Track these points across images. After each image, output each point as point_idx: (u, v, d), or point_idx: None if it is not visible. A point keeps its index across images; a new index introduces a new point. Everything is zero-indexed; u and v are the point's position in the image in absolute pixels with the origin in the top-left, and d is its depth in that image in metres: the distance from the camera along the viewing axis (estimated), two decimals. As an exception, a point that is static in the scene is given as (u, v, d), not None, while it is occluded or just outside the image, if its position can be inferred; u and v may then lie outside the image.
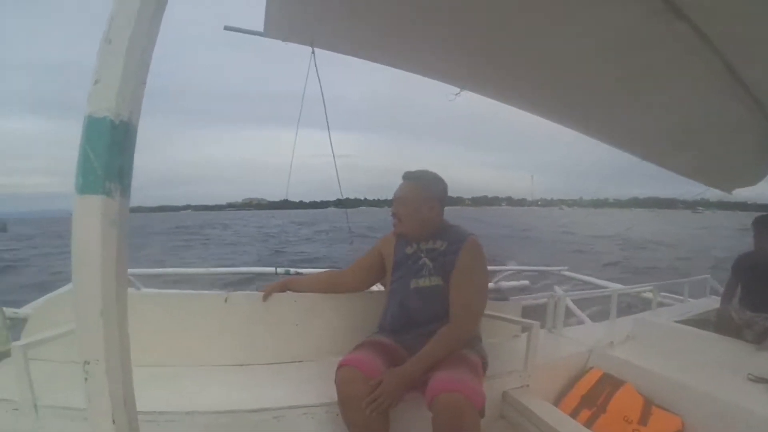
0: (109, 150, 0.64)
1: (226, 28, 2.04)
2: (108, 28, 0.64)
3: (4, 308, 1.86)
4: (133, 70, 0.65)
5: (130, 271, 3.29)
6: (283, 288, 1.96)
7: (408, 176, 1.76)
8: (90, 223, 0.65)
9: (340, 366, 1.45)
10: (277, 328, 1.91)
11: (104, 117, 0.63)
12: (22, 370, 1.30)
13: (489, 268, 1.74)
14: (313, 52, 2.05)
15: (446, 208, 1.77)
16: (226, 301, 1.86)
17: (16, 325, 1.91)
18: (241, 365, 1.84)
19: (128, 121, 0.65)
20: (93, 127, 0.63)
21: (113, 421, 0.68)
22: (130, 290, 2.18)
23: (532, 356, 1.82)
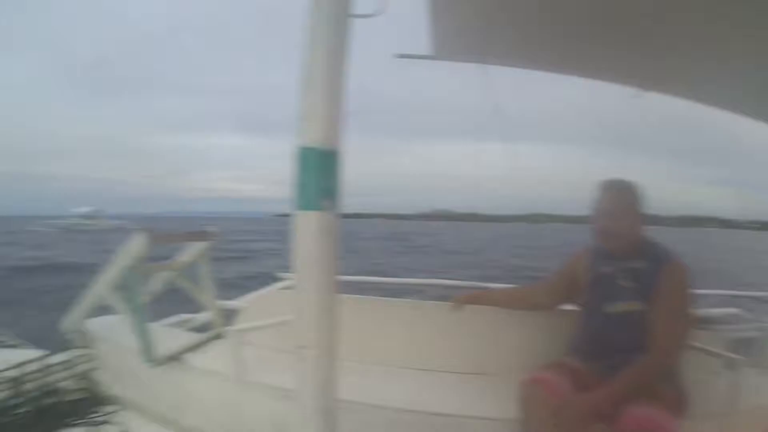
0: (320, 174, 0.79)
1: (399, 55, 2.14)
2: (306, 72, 0.80)
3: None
4: (331, 105, 0.79)
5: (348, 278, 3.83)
6: (473, 300, 1.96)
7: (614, 186, 1.60)
8: (309, 234, 0.79)
9: (526, 383, 1.43)
10: (464, 339, 1.97)
11: (313, 147, 0.78)
12: (236, 349, 1.60)
13: (693, 292, 1.50)
14: (484, 71, 2.05)
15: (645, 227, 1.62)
16: (417, 309, 1.99)
17: (229, 315, 2.37)
18: (427, 370, 1.94)
19: (333, 149, 0.78)
20: (305, 155, 0.79)
21: (313, 396, 0.81)
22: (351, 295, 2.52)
23: (736, 399, 1.59)
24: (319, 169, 0.80)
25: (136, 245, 1.75)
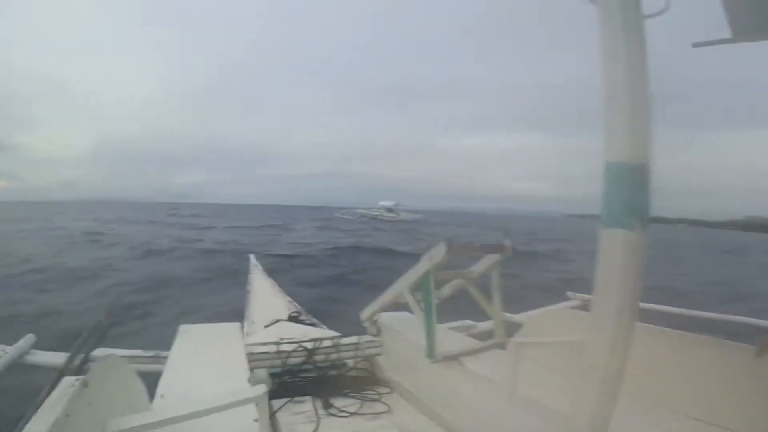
0: (631, 190, 0.73)
1: (695, 44, 1.87)
2: (606, 85, 0.75)
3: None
4: (638, 117, 0.72)
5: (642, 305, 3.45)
6: None
7: None
8: (613, 253, 0.75)
9: None
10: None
11: (621, 162, 0.73)
12: (513, 361, 1.63)
13: None
14: None
15: None
16: (757, 355, 1.58)
17: (509, 327, 2.41)
18: (712, 424, 1.54)
19: (644, 164, 0.71)
20: (613, 171, 0.75)
21: (589, 422, 0.76)
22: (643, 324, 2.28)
23: None
24: (628, 186, 0.75)
25: (436, 253, 1.91)
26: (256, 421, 1.30)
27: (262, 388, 1.26)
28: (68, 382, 1.03)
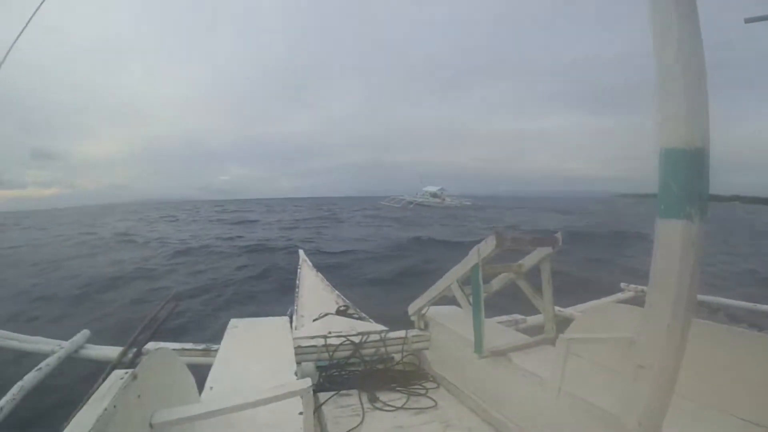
0: (688, 178, 0.66)
1: (748, 20, 1.83)
2: (660, 68, 0.69)
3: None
4: (695, 101, 0.69)
5: (702, 297, 3.24)
6: None
7: None
8: (670, 245, 0.69)
9: None
10: None
11: (679, 148, 0.66)
12: (561, 357, 1.56)
13: None
14: None
15: None
16: None
17: (559, 322, 2.32)
18: None
19: (701, 149, 0.65)
20: (669, 157, 0.68)
21: (639, 423, 0.71)
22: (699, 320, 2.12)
23: None
24: (686, 174, 0.70)
25: (486, 246, 1.87)
26: (301, 414, 1.33)
27: (307, 382, 1.28)
28: (118, 374, 1.07)
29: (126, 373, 1.08)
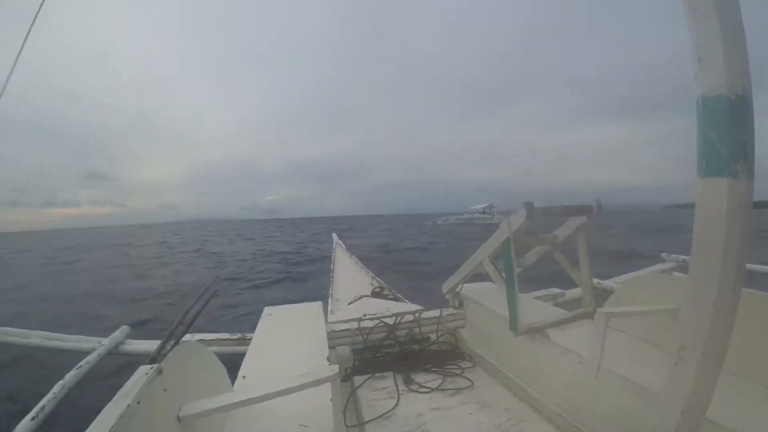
0: (732, 129, 0.57)
1: None
2: (692, 6, 0.57)
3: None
4: (733, 40, 0.62)
5: (753, 267, 3.00)
6: None
7: None
8: (714, 208, 0.60)
9: None
10: None
11: (719, 95, 0.56)
12: (599, 333, 1.46)
13: None
14: None
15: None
16: None
17: (599, 295, 2.21)
18: None
19: (744, 96, 0.55)
20: (709, 107, 0.60)
21: (683, 408, 0.63)
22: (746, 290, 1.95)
23: None
24: (729, 124, 0.61)
25: (516, 218, 1.79)
26: (331, 400, 1.32)
27: (334, 369, 1.26)
28: (143, 370, 1.09)
29: (151, 368, 1.09)
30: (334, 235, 5.88)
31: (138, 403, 0.97)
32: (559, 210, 1.94)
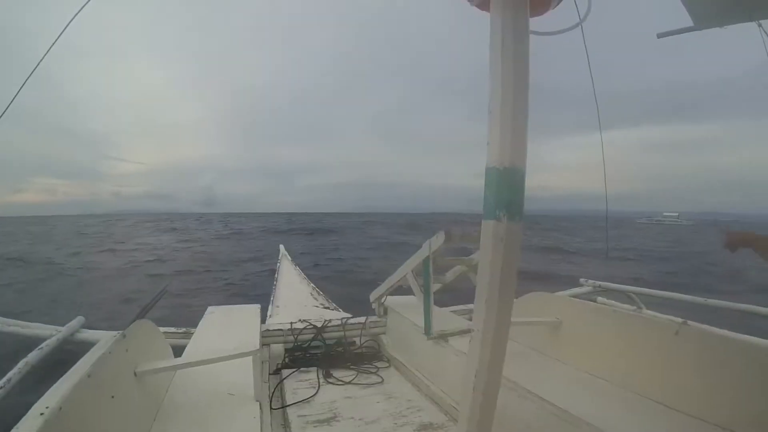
0: (498, 189, 0.91)
1: (660, 35, 2.03)
2: (489, 101, 0.92)
3: None
4: (511, 133, 0.90)
5: (635, 289, 3.61)
6: (749, 242, 1.48)
7: None
8: (486, 240, 0.94)
9: None
10: (718, 380, 1.54)
11: (493, 167, 0.91)
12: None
13: None
14: (760, 26, 1.83)
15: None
16: (676, 333, 1.69)
17: None
18: (659, 402, 1.66)
19: (511, 167, 0.89)
20: (488, 173, 0.93)
21: (475, 375, 0.96)
22: (589, 303, 2.47)
23: None
24: (497, 186, 0.91)
25: (436, 240, 2.08)
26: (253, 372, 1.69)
27: (256, 345, 1.69)
28: (111, 334, 1.47)
29: (118, 332, 1.48)
30: (281, 246, 6.10)
31: (110, 353, 1.31)
32: (475, 237, 2.28)
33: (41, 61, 1.30)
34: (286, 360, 2.52)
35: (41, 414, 0.94)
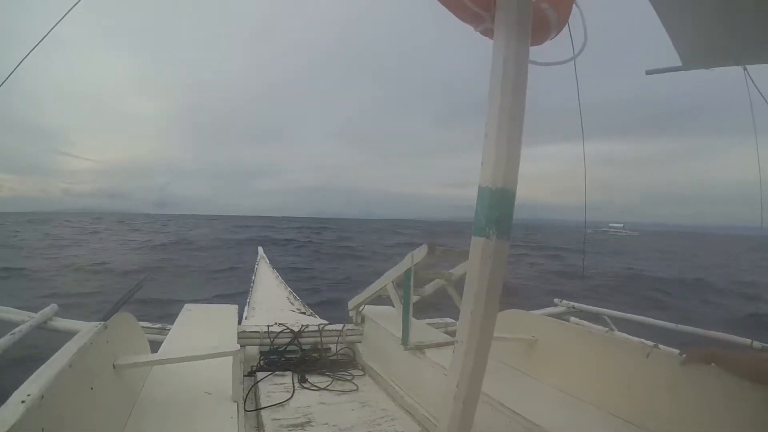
0: (489, 207, 0.95)
1: (649, 72, 2.13)
2: (486, 125, 0.97)
3: None
4: (503, 156, 0.95)
5: (607, 311, 3.72)
6: (709, 359, 1.58)
7: None
8: (475, 255, 0.98)
9: None
10: (686, 402, 1.59)
11: (485, 186, 0.96)
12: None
13: None
14: (745, 70, 1.93)
15: None
16: (648, 356, 1.77)
17: None
18: (626, 421, 1.72)
19: (503, 187, 0.94)
20: (480, 193, 0.97)
21: (456, 384, 0.99)
22: (565, 322, 2.56)
23: None
24: (487, 204, 0.96)
25: (419, 253, 2.12)
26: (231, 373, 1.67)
27: (236, 345, 1.68)
28: (93, 324, 1.45)
29: (99, 323, 1.47)
30: (260, 249, 6.08)
31: (91, 344, 1.31)
32: (457, 253, 2.33)
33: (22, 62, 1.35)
34: (261, 362, 2.50)
35: (22, 402, 0.93)
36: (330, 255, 20.50)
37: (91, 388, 1.26)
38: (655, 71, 2.12)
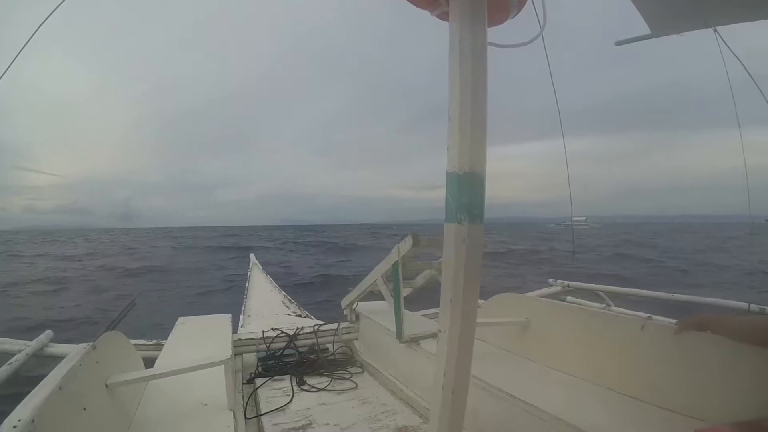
0: (458, 193, 0.94)
1: (618, 43, 2.12)
2: (448, 109, 0.95)
3: None
4: (469, 140, 0.93)
5: (603, 287, 3.83)
6: (702, 326, 1.57)
7: None
8: (449, 241, 0.97)
9: None
10: (683, 371, 1.59)
11: (453, 171, 0.94)
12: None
13: None
14: (716, 32, 1.89)
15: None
16: (642, 328, 1.76)
17: None
18: (623, 394, 1.72)
19: (470, 171, 0.92)
20: (449, 178, 0.96)
21: (444, 374, 0.99)
22: (557, 302, 2.53)
23: None
24: (458, 191, 0.94)
25: (404, 245, 2.09)
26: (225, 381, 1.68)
27: (227, 354, 1.68)
28: (82, 346, 1.45)
29: (88, 344, 1.46)
30: (252, 255, 6.05)
31: (80, 365, 1.30)
32: (442, 241, 2.31)
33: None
34: (259, 369, 2.49)
35: (14, 427, 0.92)
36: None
37: (84, 409, 1.26)
38: (625, 41, 2.10)
